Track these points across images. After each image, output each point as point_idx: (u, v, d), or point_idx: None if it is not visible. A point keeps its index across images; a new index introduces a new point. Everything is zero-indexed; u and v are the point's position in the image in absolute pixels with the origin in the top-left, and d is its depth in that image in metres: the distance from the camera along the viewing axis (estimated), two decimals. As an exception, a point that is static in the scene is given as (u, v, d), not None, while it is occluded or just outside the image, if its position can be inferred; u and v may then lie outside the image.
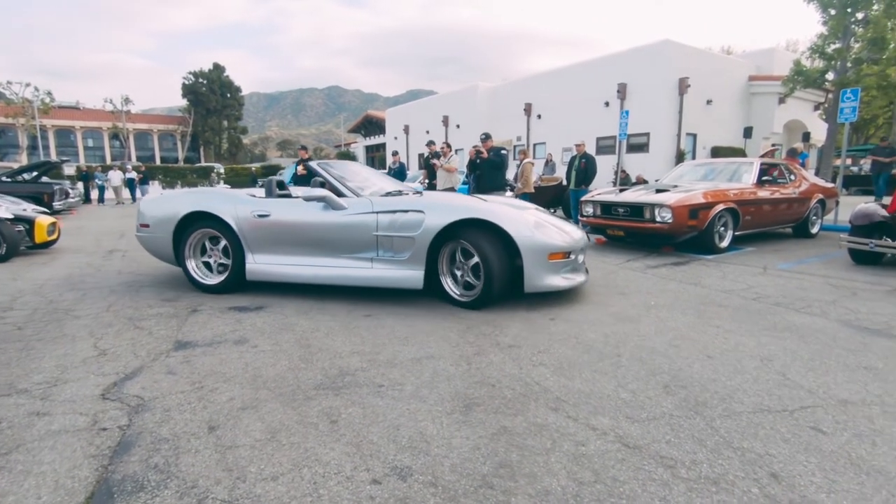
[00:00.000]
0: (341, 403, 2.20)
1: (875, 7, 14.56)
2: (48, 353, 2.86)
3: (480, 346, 2.91)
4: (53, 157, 40.69)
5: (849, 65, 15.25)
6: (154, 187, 25.90)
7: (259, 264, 4.11)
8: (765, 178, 7.07)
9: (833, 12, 15.18)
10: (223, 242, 4.21)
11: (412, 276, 3.75)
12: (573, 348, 2.87)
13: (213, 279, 4.30)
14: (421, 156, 12.67)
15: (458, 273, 3.80)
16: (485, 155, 7.61)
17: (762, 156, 10.40)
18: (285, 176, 26.35)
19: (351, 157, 42.75)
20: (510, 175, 9.75)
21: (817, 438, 1.89)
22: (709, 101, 19.14)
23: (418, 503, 1.52)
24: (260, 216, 4.04)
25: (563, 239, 3.74)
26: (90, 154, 48.52)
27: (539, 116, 23.57)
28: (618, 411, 2.11)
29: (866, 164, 23.97)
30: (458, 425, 2.00)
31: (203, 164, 40.61)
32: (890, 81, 15.27)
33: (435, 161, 9.40)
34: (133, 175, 20.29)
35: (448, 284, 3.85)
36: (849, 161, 22.98)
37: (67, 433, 1.95)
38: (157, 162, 47.84)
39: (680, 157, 18.18)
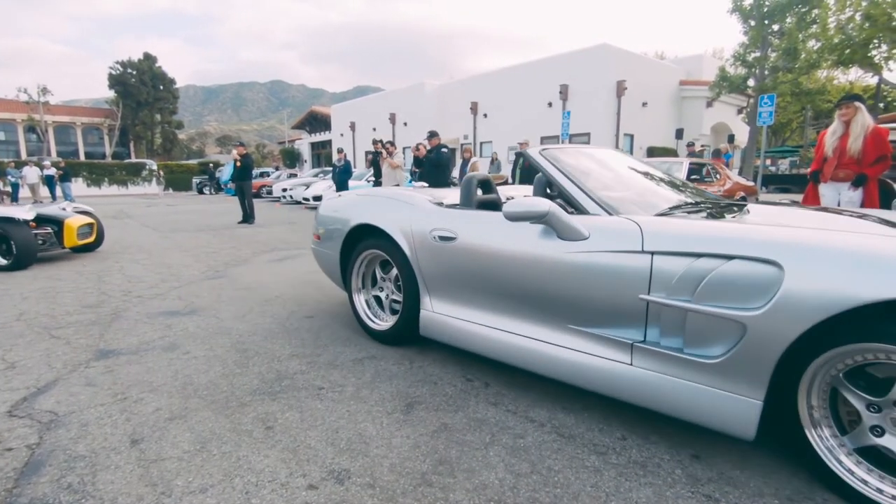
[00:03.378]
0: (278, 408, 2.12)
1: (788, 20, 15.85)
2: (-55, 368, 2.58)
3: (423, 345, 2.91)
4: (-43, 151, 36.82)
5: (766, 72, 16.52)
6: (77, 185, 24.04)
7: (437, 314, 2.62)
8: (693, 176, 7.53)
9: (752, 23, 16.39)
10: (394, 272, 2.95)
11: (730, 404, 1.66)
12: (514, 343, 2.93)
13: (382, 323, 3.01)
14: (367, 153, 12.55)
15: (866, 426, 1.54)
16: (422, 153, 7.71)
17: (689, 154, 11.05)
18: (224, 174, 25.14)
19: (296, 153, 41.50)
20: (456, 172, 9.84)
21: (734, 419, 2.02)
22: (644, 104, 20.11)
23: (355, 506, 1.50)
24: (442, 238, 2.52)
25: None
26: (1, 148, 44.30)
27: (485, 115, 23.88)
28: (555, 403, 2.17)
29: (783, 164, 26.09)
30: (399, 425, 1.99)
31: (134, 160, 38.03)
32: (802, 89, 16.70)
33: (383, 151, 9.34)
34: (52, 171, 18.72)
35: (829, 449, 1.59)
36: (767, 161, 24.91)
37: (-35, 456, 1.77)
38: (82, 157, 44.39)
39: (618, 157, 19.00)
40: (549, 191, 2.64)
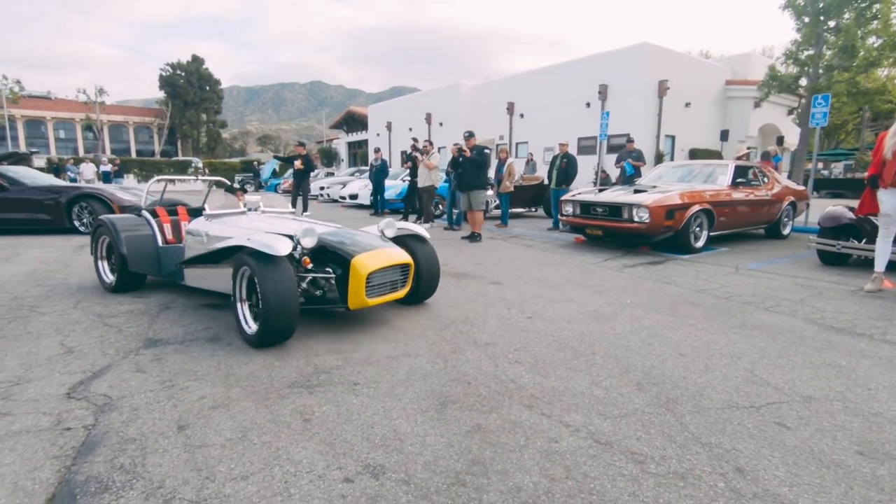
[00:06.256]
0: (315, 402, 2.17)
1: (846, 16, 15.00)
2: (11, 351, 2.77)
3: (457, 344, 2.91)
4: (22, 148, 39.32)
5: (821, 71, 15.69)
6: (129, 180, 25.25)
7: None
8: (739, 180, 7.24)
9: (806, 20, 15.59)
10: None
11: None
12: (549, 346, 2.90)
13: None
14: (403, 153, 12.64)
15: None
16: (467, 153, 7.62)
17: (737, 158, 10.65)
18: (265, 171, 25.80)
19: (333, 153, 42.33)
20: (491, 173, 9.79)
21: (781, 433, 1.94)
22: (687, 104, 19.47)
23: (390, 501, 1.52)
24: None
25: None
26: (62, 146, 47.08)
27: (522, 115, 23.67)
28: (591, 408, 2.13)
29: (837, 168, 24.75)
30: (433, 423, 2.00)
31: (181, 157, 39.69)
32: (859, 88, 15.78)
33: (417, 154, 9.43)
34: (108, 167, 19.75)
35: None
36: (820, 165, 23.67)
37: (29, 434, 1.89)
38: (133, 155, 46.65)
39: (659, 159, 18.47)
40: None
